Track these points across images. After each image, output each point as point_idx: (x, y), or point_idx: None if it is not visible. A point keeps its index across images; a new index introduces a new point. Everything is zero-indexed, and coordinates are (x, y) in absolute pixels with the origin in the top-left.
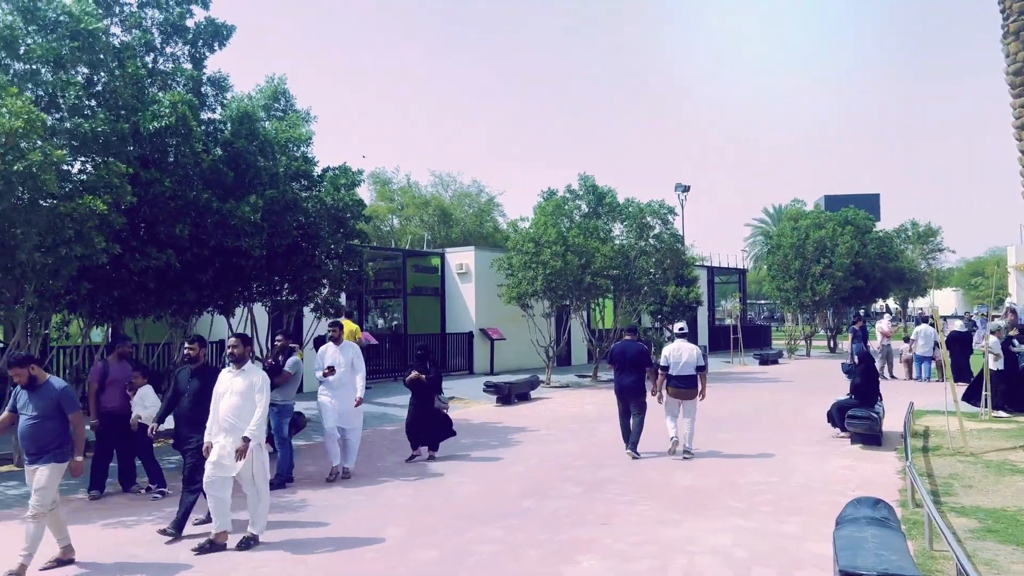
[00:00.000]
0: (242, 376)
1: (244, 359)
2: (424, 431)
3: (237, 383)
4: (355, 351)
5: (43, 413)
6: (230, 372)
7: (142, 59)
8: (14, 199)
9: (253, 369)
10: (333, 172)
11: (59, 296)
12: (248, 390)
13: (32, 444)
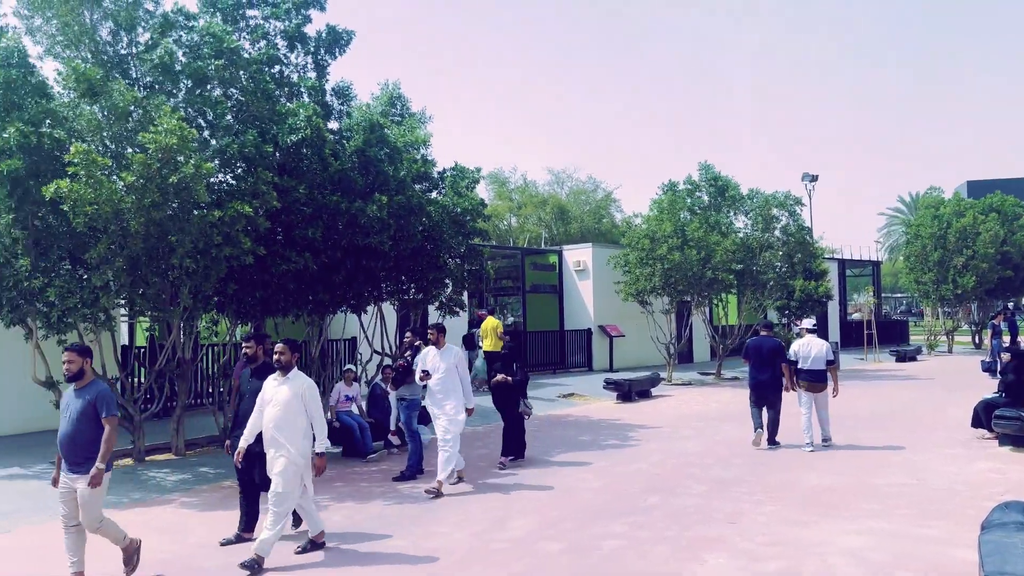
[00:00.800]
0: (288, 385)
1: (290, 366)
2: (515, 438)
3: (282, 392)
4: (457, 355)
5: (83, 414)
6: (276, 380)
7: (270, 71)
8: (169, 209)
9: (299, 376)
10: (452, 173)
11: (209, 297)
12: (293, 401)
13: (72, 451)
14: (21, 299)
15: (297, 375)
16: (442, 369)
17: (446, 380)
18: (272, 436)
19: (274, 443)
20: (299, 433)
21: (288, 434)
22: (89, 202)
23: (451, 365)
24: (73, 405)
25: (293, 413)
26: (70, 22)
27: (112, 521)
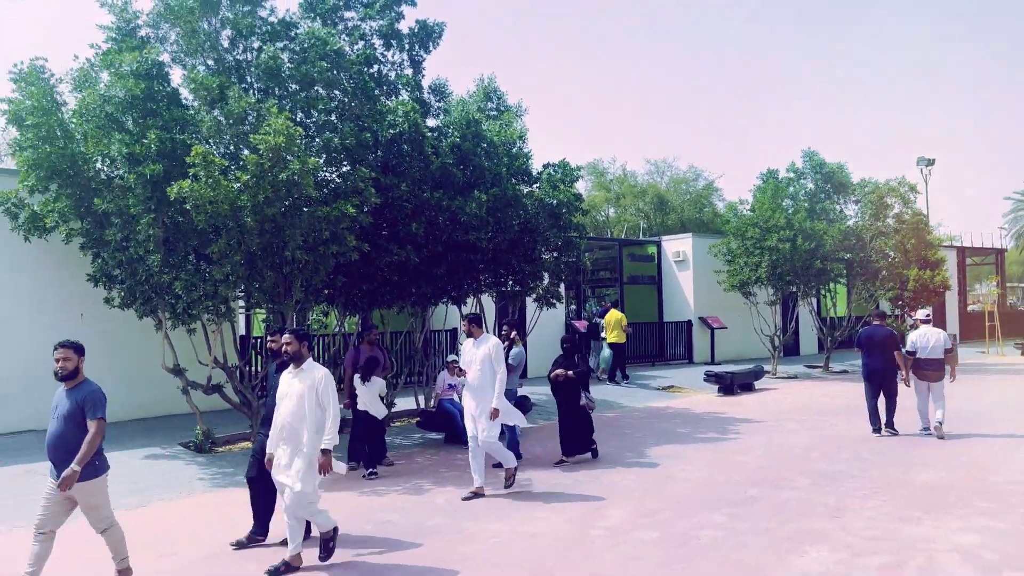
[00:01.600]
0: (300, 377)
1: (301, 357)
2: (576, 435)
3: (296, 385)
4: (493, 346)
5: (70, 414)
6: (290, 373)
7: (368, 71)
8: (281, 206)
9: (313, 367)
10: (551, 168)
11: (319, 290)
12: (309, 393)
13: (57, 453)
14: (153, 292)
15: (312, 367)
16: (478, 360)
17: (483, 374)
18: (288, 432)
19: (294, 437)
20: (315, 428)
21: (304, 429)
22: (209, 201)
23: (486, 356)
24: (62, 405)
25: (308, 407)
26: (194, 30)
27: (120, 530)
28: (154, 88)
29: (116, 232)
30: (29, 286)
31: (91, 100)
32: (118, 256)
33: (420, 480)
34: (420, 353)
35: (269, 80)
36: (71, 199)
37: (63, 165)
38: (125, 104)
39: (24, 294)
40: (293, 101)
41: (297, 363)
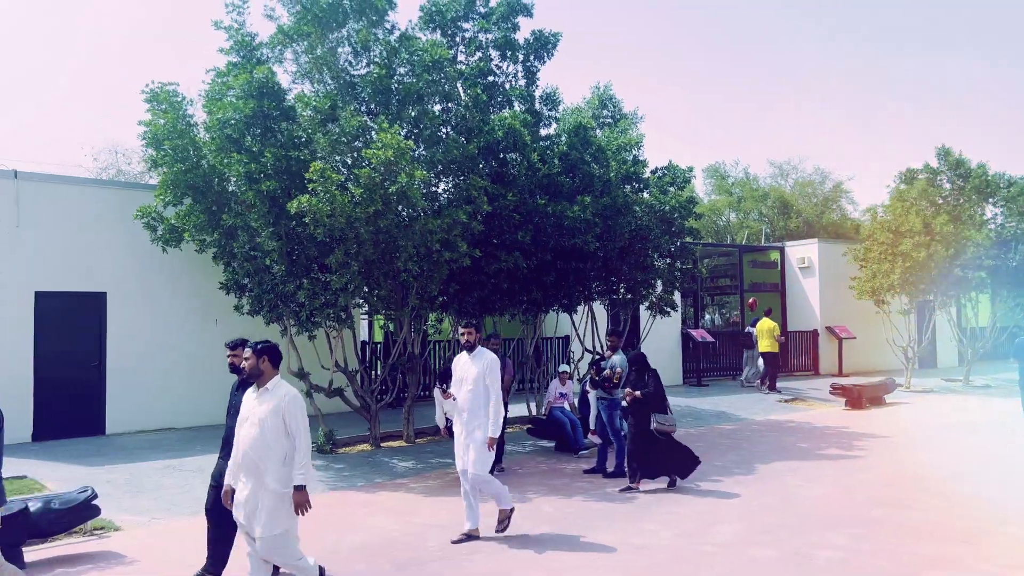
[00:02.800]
0: (263, 399)
1: (262, 374)
2: (644, 459)
3: (257, 408)
4: (488, 364)
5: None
6: (252, 393)
7: (483, 82)
8: (393, 217)
9: (279, 387)
10: (662, 173)
11: (434, 298)
12: (271, 417)
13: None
14: (278, 300)
15: (278, 386)
16: (470, 379)
17: (475, 396)
18: (252, 461)
19: (254, 470)
20: (280, 459)
21: (266, 460)
22: (326, 214)
23: (479, 375)
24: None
25: (271, 434)
26: (313, 50)
27: None
28: (267, 108)
29: (243, 244)
30: (168, 293)
31: (213, 122)
32: (246, 266)
33: (528, 488)
34: (531, 360)
35: (381, 96)
36: (203, 213)
37: (195, 181)
38: (243, 124)
39: (164, 301)
40: (404, 116)
41: (259, 382)
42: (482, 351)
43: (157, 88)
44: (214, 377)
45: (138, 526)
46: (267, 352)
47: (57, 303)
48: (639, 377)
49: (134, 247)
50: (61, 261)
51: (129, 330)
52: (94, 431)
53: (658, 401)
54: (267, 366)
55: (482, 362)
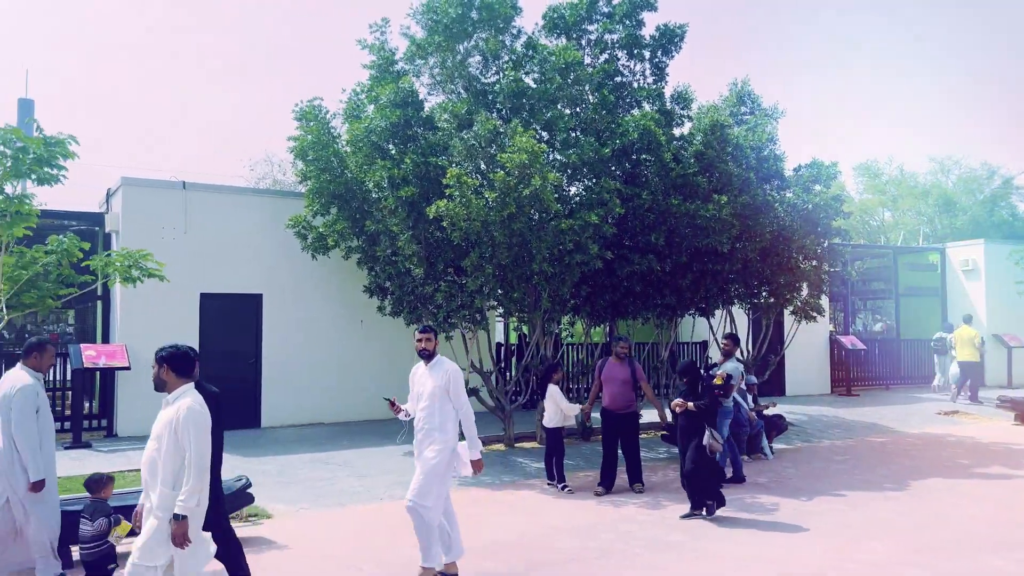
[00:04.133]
0: (167, 411)
1: (162, 383)
2: (700, 480)
3: (159, 422)
4: (451, 373)
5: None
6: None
7: (611, 83)
8: (526, 220)
9: (180, 397)
10: (805, 170)
11: (566, 300)
12: (166, 431)
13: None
14: (417, 302)
15: (180, 396)
16: (427, 393)
17: (430, 411)
18: (147, 482)
19: (145, 490)
20: (168, 480)
21: (154, 480)
22: (463, 218)
23: (440, 387)
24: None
25: (165, 451)
26: (447, 61)
27: None
28: (410, 116)
29: (385, 249)
30: (317, 295)
31: (358, 132)
32: (388, 270)
33: (659, 495)
34: (666, 365)
35: (514, 101)
36: (348, 220)
37: (339, 190)
38: (386, 133)
39: (313, 302)
40: (537, 120)
41: (163, 391)
42: (441, 361)
43: (305, 106)
44: (359, 374)
45: (288, 515)
46: (168, 360)
47: (219, 304)
48: (691, 389)
49: (287, 251)
50: (223, 265)
51: (282, 330)
52: (251, 424)
53: (712, 415)
54: (169, 375)
55: (441, 373)
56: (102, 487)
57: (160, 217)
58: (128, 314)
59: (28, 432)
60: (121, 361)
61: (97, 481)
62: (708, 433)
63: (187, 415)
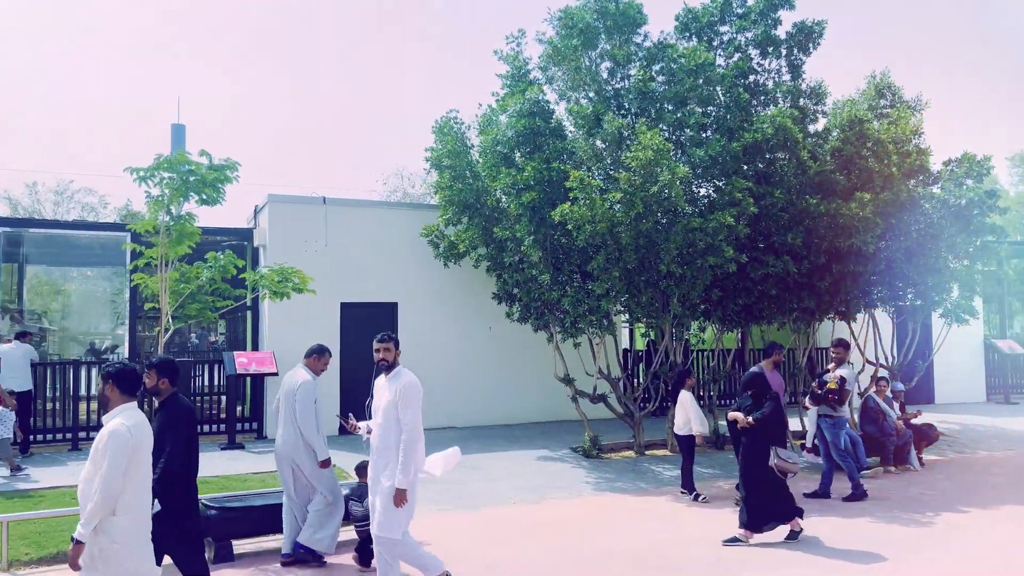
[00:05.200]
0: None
1: (106, 400)
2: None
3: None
4: (404, 386)
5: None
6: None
7: (744, 82)
8: (654, 220)
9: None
10: (955, 165)
11: (696, 305)
12: (96, 453)
13: None
14: (544, 308)
15: (113, 416)
16: (381, 409)
17: (385, 429)
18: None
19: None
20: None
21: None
22: (588, 221)
23: (392, 403)
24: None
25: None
26: (577, 67)
27: None
28: (537, 125)
29: (512, 255)
30: (449, 303)
31: (487, 142)
32: (515, 276)
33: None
34: (804, 372)
35: (643, 103)
36: (478, 229)
37: (471, 200)
38: (514, 142)
39: (445, 310)
40: (665, 120)
41: (105, 409)
42: (400, 372)
43: (442, 120)
44: (489, 380)
45: (423, 515)
46: (114, 377)
47: (358, 312)
48: (755, 401)
49: (420, 262)
50: (361, 275)
51: (416, 337)
52: None
53: (778, 430)
54: (113, 392)
55: (396, 386)
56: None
57: (303, 231)
58: (275, 323)
59: (311, 420)
60: (270, 367)
61: (364, 467)
62: (773, 453)
63: (109, 436)
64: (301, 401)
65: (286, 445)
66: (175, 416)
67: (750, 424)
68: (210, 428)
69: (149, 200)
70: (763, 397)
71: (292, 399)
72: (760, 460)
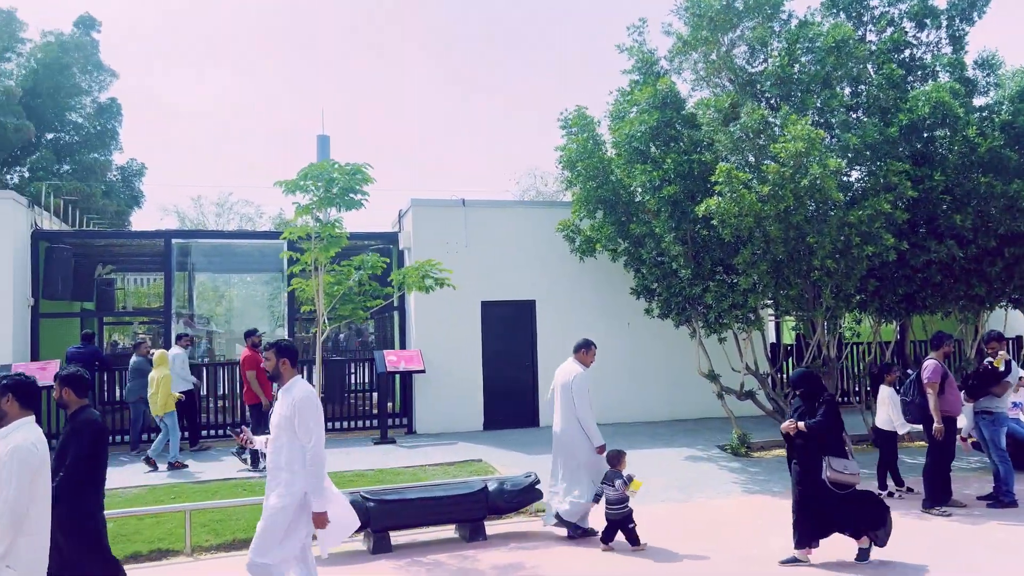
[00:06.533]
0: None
1: (3, 414)
2: (813, 518)
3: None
4: (298, 401)
5: None
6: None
7: (897, 58)
8: (805, 212)
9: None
10: None
11: (851, 296)
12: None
13: None
14: (686, 303)
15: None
16: (274, 424)
17: (276, 446)
18: None
19: None
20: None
21: None
22: (733, 214)
23: (285, 418)
24: None
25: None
26: (710, 55)
27: None
28: (670, 117)
29: (650, 251)
30: (586, 300)
31: (622, 137)
32: (654, 272)
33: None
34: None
35: (783, 87)
36: (614, 224)
37: (605, 195)
38: (648, 136)
39: (582, 306)
40: (809, 105)
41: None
42: (293, 384)
43: (570, 115)
44: (628, 377)
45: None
46: (12, 389)
47: (498, 311)
48: (808, 405)
49: (557, 260)
50: (500, 274)
51: (555, 334)
52: (530, 423)
53: (833, 439)
54: (12, 406)
55: (290, 399)
56: (619, 461)
57: (445, 233)
58: (421, 322)
59: (588, 410)
60: (418, 365)
61: (616, 456)
62: (826, 465)
63: (12, 453)
64: (578, 392)
65: (564, 434)
66: (80, 425)
67: (801, 430)
68: (363, 424)
69: (298, 208)
70: (816, 399)
71: (568, 391)
72: (814, 468)
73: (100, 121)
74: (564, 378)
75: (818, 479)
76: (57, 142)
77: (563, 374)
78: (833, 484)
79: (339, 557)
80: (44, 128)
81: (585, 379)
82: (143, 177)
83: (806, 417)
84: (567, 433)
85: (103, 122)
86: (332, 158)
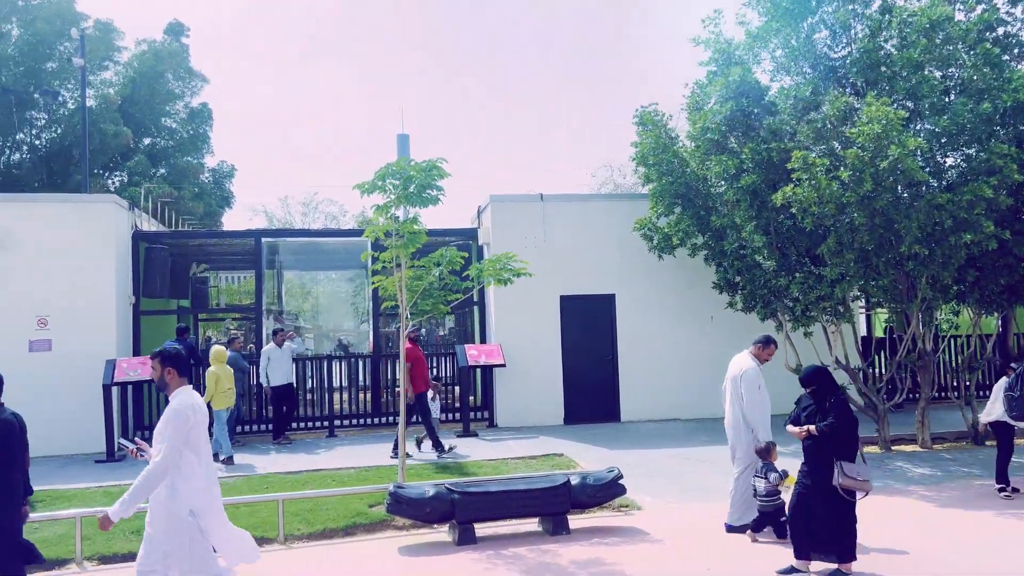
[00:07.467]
0: None
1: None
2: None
3: None
4: (169, 414)
5: None
6: None
7: (991, 36)
8: (890, 196)
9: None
10: None
11: (948, 286)
12: None
13: None
14: (771, 296)
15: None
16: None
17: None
18: None
19: None
20: None
21: None
22: (813, 202)
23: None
24: None
25: None
26: (790, 41)
27: None
28: (746, 106)
29: (732, 243)
30: (667, 294)
31: (697, 130)
32: (736, 264)
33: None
34: None
35: (869, 73)
36: (692, 219)
37: (681, 190)
38: (724, 127)
39: (663, 301)
40: (898, 90)
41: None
42: (176, 395)
43: (644, 111)
44: (712, 371)
45: (657, 508)
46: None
47: (577, 305)
48: (818, 404)
49: (636, 252)
50: (578, 268)
51: (635, 328)
52: (610, 418)
53: (846, 442)
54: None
55: (168, 411)
56: (768, 453)
57: (523, 228)
58: (501, 317)
59: (756, 404)
60: (498, 359)
61: (767, 448)
62: (838, 470)
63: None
64: (747, 387)
65: (728, 425)
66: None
67: (811, 432)
68: (446, 417)
69: (376, 209)
70: (827, 398)
71: (737, 384)
72: (824, 473)
73: (192, 125)
74: (735, 371)
75: (819, 485)
76: (153, 147)
77: (735, 366)
78: (844, 490)
79: (424, 547)
80: (141, 134)
81: (755, 374)
82: (232, 179)
83: (815, 417)
84: (730, 425)
85: (195, 126)
86: (410, 156)
